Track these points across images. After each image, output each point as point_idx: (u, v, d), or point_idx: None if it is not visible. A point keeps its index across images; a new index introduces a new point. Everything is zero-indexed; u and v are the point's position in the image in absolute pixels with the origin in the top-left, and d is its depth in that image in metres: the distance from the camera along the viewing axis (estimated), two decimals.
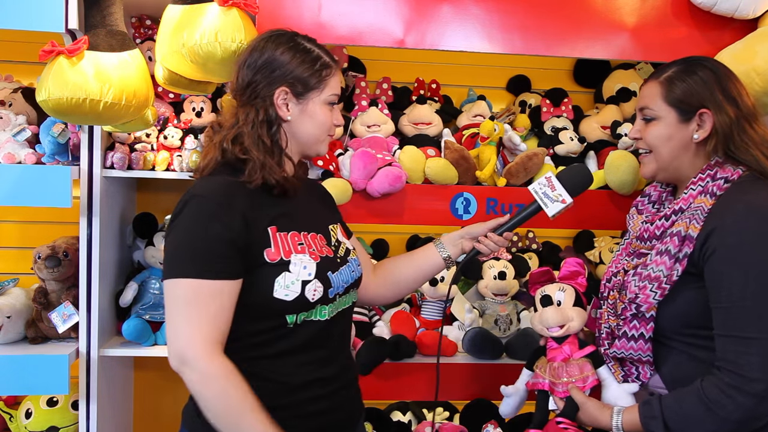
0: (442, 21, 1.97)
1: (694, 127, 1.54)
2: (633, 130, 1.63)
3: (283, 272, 1.37)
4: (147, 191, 2.57)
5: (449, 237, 1.72)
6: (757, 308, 1.36)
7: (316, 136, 1.52)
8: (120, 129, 2.07)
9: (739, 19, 1.98)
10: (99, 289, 2.11)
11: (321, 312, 1.43)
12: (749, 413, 1.36)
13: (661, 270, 1.47)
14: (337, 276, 1.46)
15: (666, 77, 1.56)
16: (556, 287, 1.68)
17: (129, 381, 2.56)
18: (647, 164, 1.61)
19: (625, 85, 2.54)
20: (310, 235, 1.47)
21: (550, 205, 1.60)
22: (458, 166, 2.12)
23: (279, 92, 1.45)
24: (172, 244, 1.36)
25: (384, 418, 2.31)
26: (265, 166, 1.42)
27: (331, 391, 1.47)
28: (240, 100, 1.48)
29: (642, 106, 1.59)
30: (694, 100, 1.53)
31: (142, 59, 1.90)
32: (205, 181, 1.42)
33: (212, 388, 1.30)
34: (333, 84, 1.51)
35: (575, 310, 1.63)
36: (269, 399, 1.38)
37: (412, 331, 2.20)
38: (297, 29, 1.57)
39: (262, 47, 1.47)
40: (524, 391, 1.73)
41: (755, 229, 1.39)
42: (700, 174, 1.52)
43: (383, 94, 2.43)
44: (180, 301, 1.32)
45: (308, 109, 1.48)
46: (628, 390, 1.56)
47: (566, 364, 1.61)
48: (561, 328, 1.62)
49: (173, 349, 1.31)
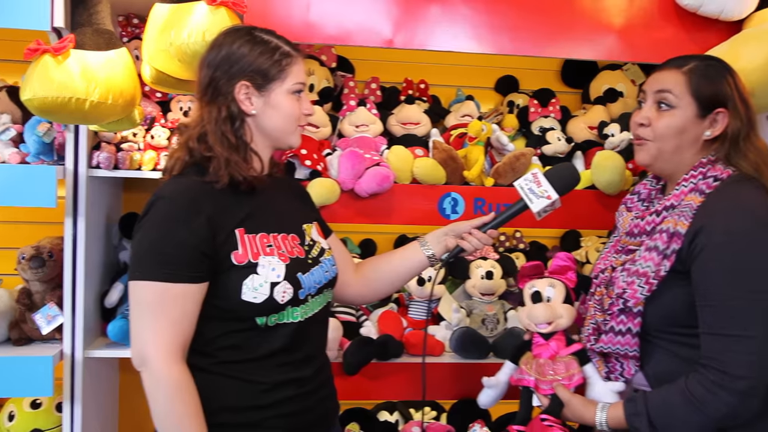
0: (431, 21, 1.97)
1: (707, 125, 1.53)
2: (641, 115, 1.57)
3: (251, 275, 1.37)
4: (134, 191, 2.55)
5: (433, 235, 1.71)
6: (743, 307, 1.38)
7: (283, 127, 1.50)
8: (106, 128, 2.05)
9: (725, 21, 2.00)
10: (84, 290, 2.09)
11: (292, 314, 1.43)
12: (734, 410, 1.37)
13: (649, 266, 1.48)
14: (307, 277, 1.45)
15: (690, 69, 1.53)
16: (547, 282, 1.66)
17: (114, 383, 2.54)
18: (647, 151, 1.57)
19: (612, 85, 2.56)
20: (281, 236, 1.46)
21: (535, 201, 1.58)
22: (446, 166, 2.12)
23: (239, 87, 1.43)
24: (137, 245, 1.37)
25: (371, 418, 2.31)
26: (230, 162, 1.41)
27: (307, 391, 1.47)
28: (203, 100, 1.46)
29: (661, 90, 1.54)
30: (718, 98, 1.52)
31: (129, 58, 1.88)
32: (173, 182, 1.42)
33: (162, 394, 1.32)
34: (295, 72, 1.48)
35: (564, 307, 1.63)
36: (245, 399, 1.39)
37: (399, 331, 2.20)
38: (285, 29, 1.56)
39: (220, 44, 1.46)
40: (505, 383, 1.73)
41: (743, 229, 1.40)
42: (692, 171, 1.52)
43: (372, 94, 2.43)
44: (143, 304, 1.33)
45: (272, 100, 1.46)
46: (613, 389, 1.56)
47: (553, 361, 1.60)
48: (549, 325, 1.61)
49: (135, 349, 1.34)
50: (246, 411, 1.40)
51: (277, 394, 1.42)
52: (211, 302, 1.37)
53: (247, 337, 1.40)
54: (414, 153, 2.16)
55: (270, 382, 1.41)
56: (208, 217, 1.35)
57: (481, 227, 1.65)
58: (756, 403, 1.37)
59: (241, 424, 1.40)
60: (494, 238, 1.68)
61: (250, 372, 1.41)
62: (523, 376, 1.63)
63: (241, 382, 1.40)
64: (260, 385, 1.41)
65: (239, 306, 1.37)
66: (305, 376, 1.47)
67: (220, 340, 1.40)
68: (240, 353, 1.40)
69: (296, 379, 1.45)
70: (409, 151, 2.15)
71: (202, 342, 1.39)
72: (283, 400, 1.43)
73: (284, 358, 1.43)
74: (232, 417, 1.40)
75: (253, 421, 1.40)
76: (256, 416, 1.40)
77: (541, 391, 1.59)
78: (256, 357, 1.41)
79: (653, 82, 1.58)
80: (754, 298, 1.38)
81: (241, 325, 1.39)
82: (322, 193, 1.97)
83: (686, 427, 1.40)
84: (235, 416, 1.40)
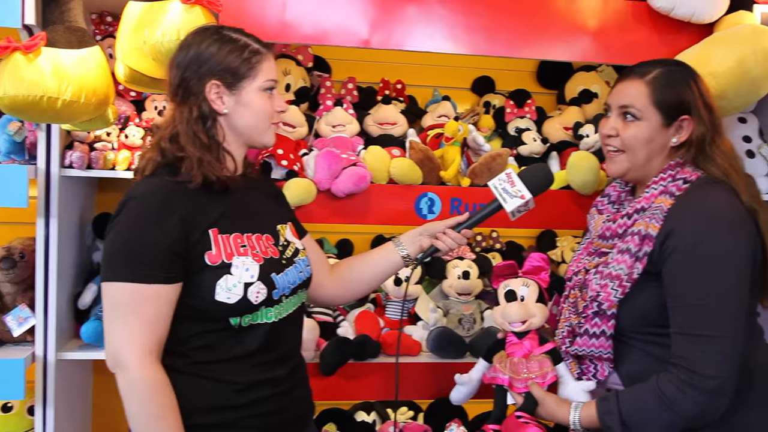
0: (408, 21, 1.97)
1: (672, 132, 1.56)
2: (608, 127, 1.60)
3: (225, 275, 1.37)
4: (108, 191, 2.52)
5: (408, 235, 1.72)
6: (712, 307, 1.40)
7: (256, 125, 1.49)
8: (79, 127, 2.02)
9: (696, 24, 2.04)
10: (57, 291, 2.06)
11: (266, 314, 1.43)
12: (703, 409, 1.40)
13: (622, 268, 1.50)
14: (281, 277, 1.45)
15: (653, 78, 1.55)
16: (521, 282, 1.68)
17: (88, 385, 2.50)
18: (619, 163, 1.60)
19: (587, 86, 2.58)
20: (255, 236, 1.46)
21: (509, 200, 1.59)
22: (423, 167, 2.13)
23: (210, 86, 1.43)
24: (109, 246, 1.36)
25: (348, 419, 2.30)
26: (203, 162, 1.40)
27: (281, 391, 1.47)
28: (175, 101, 1.46)
29: (626, 104, 1.57)
30: (681, 106, 1.54)
31: (102, 56, 1.86)
32: (145, 182, 1.42)
33: (137, 395, 1.31)
34: (266, 69, 1.48)
35: (538, 306, 1.65)
36: (219, 399, 1.39)
37: (376, 331, 2.20)
38: (261, 28, 1.56)
39: (188, 44, 1.46)
40: (477, 381, 1.75)
41: (712, 231, 1.43)
42: (662, 174, 1.55)
43: (348, 94, 2.43)
44: (116, 305, 1.33)
45: (243, 98, 1.46)
46: (584, 388, 1.58)
47: (526, 360, 1.62)
48: (523, 324, 1.63)
49: (109, 350, 1.33)
50: (220, 411, 1.40)
51: (252, 394, 1.42)
52: (184, 302, 1.36)
53: (220, 337, 1.40)
54: (391, 153, 2.17)
55: (244, 383, 1.41)
56: (181, 217, 1.35)
57: (455, 227, 1.66)
58: (725, 402, 1.40)
59: (215, 425, 1.40)
60: (469, 238, 1.69)
61: (224, 372, 1.40)
62: (497, 375, 1.64)
63: (215, 383, 1.40)
64: (234, 386, 1.40)
65: (213, 306, 1.36)
66: (280, 377, 1.47)
67: (194, 341, 1.39)
68: (214, 353, 1.40)
69: (271, 380, 1.45)
70: (385, 151, 2.15)
71: (175, 342, 1.38)
72: (258, 400, 1.42)
73: (258, 358, 1.43)
74: (207, 417, 1.39)
75: (228, 421, 1.40)
76: (231, 416, 1.40)
77: (515, 389, 1.61)
78: (230, 357, 1.40)
79: (617, 96, 1.60)
80: (723, 299, 1.40)
81: (214, 325, 1.39)
82: (299, 193, 1.97)
83: (657, 426, 1.42)
84: (209, 416, 1.39)
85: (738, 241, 1.44)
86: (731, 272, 1.42)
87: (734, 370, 1.40)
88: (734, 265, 1.42)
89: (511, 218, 1.64)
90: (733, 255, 1.42)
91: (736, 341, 1.40)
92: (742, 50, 1.87)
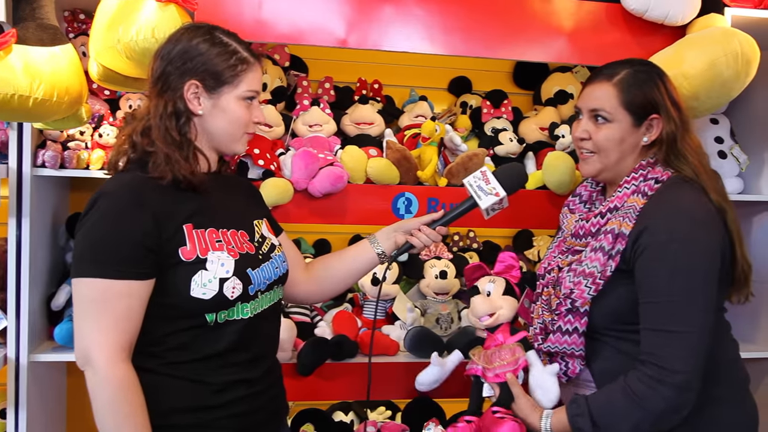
0: (384, 21, 1.98)
1: (643, 131, 1.59)
2: (580, 129, 1.63)
3: (200, 270, 1.35)
4: (81, 191, 2.49)
5: (383, 231, 1.72)
6: (682, 304, 1.43)
7: (229, 132, 1.48)
8: (52, 126, 1.99)
9: (669, 26, 2.06)
10: (29, 293, 2.03)
11: (242, 310, 1.42)
12: (672, 405, 1.42)
13: (596, 266, 1.52)
14: (257, 273, 1.44)
15: (620, 80, 1.58)
16: (487, 279, 1.72)
17: (62, 387, 2.47)
18: (592, 164, 1.62)
19: (562, 87, 2.60)
20: (230, 232, 1.45)
21: (483, 198, 1.60)
22: (400, 166, 2.13)
23: (189, 85, 1.42)
24: (80, 242, 1.34)
25: (326, 419, 2.30)
26: (171, 159, 1.39)
27: (257, 391, 1.46)
28: (153, 91, 1.44)
29: (596, 108, 1.59)
30: (650, 105, 1.57)
31: (75, 54, 1.83)
32: (117, 178, 1.40)
33: (106, 394, 1.29)
34: (250, 80, 1.47)
35: (504, 298, 1.67)
36: (193, 400, 1.38)
37: (354, 331, 2.20)
38: (237, 27, 1.54)
39: (178, 38, 1.44)
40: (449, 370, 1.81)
41: (683, 230, 1.46)
42: (633, 173, 1.58)
43: (325, 94, 2.42)
44: (87, 302, 1.31)
45: (221, 104, 1.44)
46: (549, 371, 1.59)
47: (499, 349, 1.65)
48: (491, 317, 1.65)
49: (78, 348, 1.31)
50: (196, 412, 1.39)
51: (228, 394, 1.41)
52: (158, 300, 1.35)
53: (195, 335, 1.38)
54: (368, 153, 2.17)
55: (220, 383, 1.40)
56: (153, 212, 1.33)
57: (430, 224, 1.67)
58: (692, 398, 1.42)
59: (191, 425, 1.39)
60: (444, 236, 1.70)
61: (199, 372, 1.39)
62: (473, 366, 1.68)
63: (190, 383, 1.39)
64: (210, 386, 1.39)
65: (188, 303, 1.35)
66: (255, 377, 1.46)
67: (168, 340, 1.38)
68: (188, 352, 1.38)
69: (246, 380, 1.44)
70: (362, 151, 2.15)
71: (149, 342, 1.37)
72: (234, 400, 1.42)
73: (233, 357, 1.42)
74: (183, 418, 1.38)
75: (204, 421, 1.39)
76: (207, 417, 1.39)
77: (489, 378, 1.63)
78: (205, 356, 1.39)
79: (587, 99, 1.63)
80: (693, 296, 1.43)
81: (189, 322, 1.37)
82: (276, 193, 1.96)
83: (628, 424, 1.44)
84: (185, 417, 1.38)
85: (708, 239, 1.47)
86: (701, 270, 1.44)
87: (701, 366, 1.43)
88: (704, 262, 1.45)
89: (485, 216, 1.65)
90: (703, 253, 1.45)
91: (704, 337, 1.43)
92: (714, 53, 1.90)
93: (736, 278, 1.56)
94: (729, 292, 1.59)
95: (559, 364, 1.61)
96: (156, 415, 1.34)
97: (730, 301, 1.61)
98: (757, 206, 2.51)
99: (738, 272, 1.55)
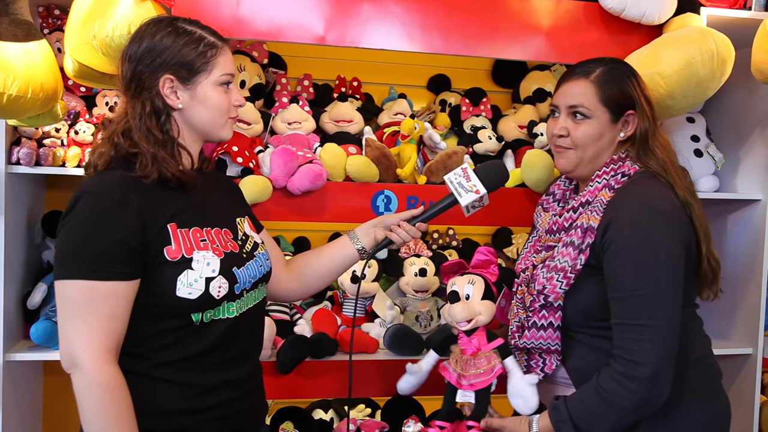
0: (363, 19, 1.97)
1: (620, 127, 1.61)
2: (558, 126, 1.63)
3: (185, 270, 1.34)
4: (57, 189, 2.46)
5: (362, 227, 1.72)
6: (649, 297, 1.44)
7: (212, 120, 1.46)
8: (27, 123, 1.97)
9: (646, 25, 2.09)
10: (4, 291, 2.01)
11: (228, 309, 1.41)
12: (644, 399, 1.43)
13: (567, 261, 1.54)
14: (243, 271, 1.43)
15: (597, 77, 1.60)
16: (466, 280, 1.69)
17: (38, 386, 2.44)
18: (570, 159, 1.63)
19: (540, 86, 2.62)
20: (214, 231, 1.43)
21: (464, 195, 1.60)
22: (379, 164, 2.13)
23: (163, 81, 1.40)
24: (63, 243, 1.31)
25: (306, 417, 2.29)
26: (158, 158, 1.37)
27: (241, 394, 1.45)
28: (127, 95, 1.42)
29: (575, 104, 1.60)
30: (626, 101, 1.60)
31: (49, 50, 1.81)
32: (99, 176, 1.38)
33: (93, 397, 1.27)
34: (222, 63, 1.45)
35: (483, 303, 1.66)
36: (180, 403, 1.37)
37: (333, 328, 2.20)
38: (214, 23, 1.53)
39: (141, 36, 1.42)
40: (426, 372, 1.78)
41: (648, 223, 1.48)
42: (605, 168, 1.60)
43: (304, 91, 2.42)
44: (71, 304, 1.28)
45: (198, 93, 1.43)
46: (529, 381, 1.59)
47: (474, 357, 1.63)
48: (469, 323, 1.64)
49: (64, 351, 1.28)
50: (183, 415, 1.37)
51: (214, 397, 1.40)
52: (143, 301, 1.33)
53: (181, 335, 1.37)
54: (347, 151, 2.16)
55: (206, 385, 1.39)
56: (138, 211, 1.31)
57: (410, 220, 1.66)
58: (664, 391, 1.44)
59: (178, 428, 1.38)
60: (423, 232, 1.70)
61: (185, 374, 1.38)
62: (447, 370, 1.67)
63: (176, 386, 1.37)
64: (196, 388, 1.38)
65: (174, 303, 1.33)
66: (240, 377, 1.45)
67: (154, 341, 1.36)
68: (174, 353, 1.37)
69: (232, 381, 1.43)
70: (342, 148, 2.14)
71: (134, 344, 1.35)
72: (220, 402, 1.41)
73: (219, 356, 1.41)
74: (169, 422, 1.37)
75: (190, 424, 1.38)
76: (193, 420, 1.38)
77: (464, 387, 1.62)
78: (191, 356, 1.38)
79: (564, 96, 1.64)
80: (659, 289, 1.45)
81: (175, 322, 1.36)
82: (254, 190, 1.95)
83: (608, 424, 1.46)
84: (172, 421, 1.37)
85: (672, 233, 1.48)
86: (667, 263, 1.46)
87: (671, 359, 1.44)
88: (669, 255, 1.47)
89: (465, 213, 1.65)
90: (668, 246, 1.47)
91: (673, 330, 1.45)
92: (690, 52, 1.92)
93: (703, 274, 1.58)
94: (699, 289, 1.61)
95: (536, 361, 1.62)
96: (142, 419, 1.33)
97: (701, 298, 1.63)
98: (732, 204, 2.54)
99: (704, 268, 1.57)
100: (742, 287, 2.46)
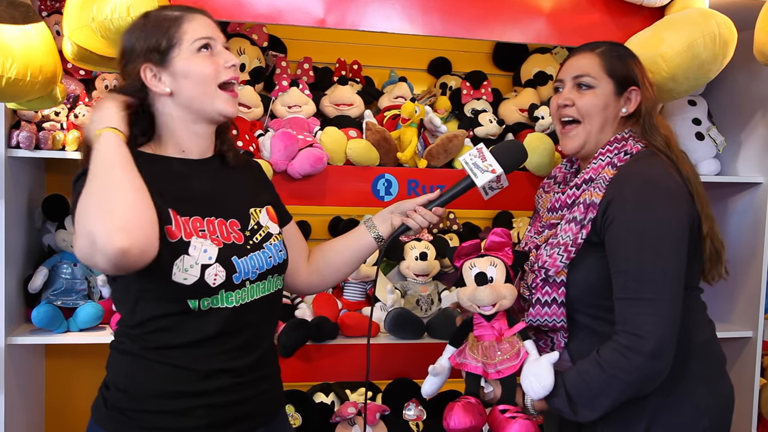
0: (363, 1, 1.96)
1: (622, 102, 1.63)
2: (563, 96, 1.65)
3: (182, 255, 1.33)
4: (57, 172, 2.46)
5: (379, 214, 1.68)
6: (651, 272, 1.45)
7: (201, 91, 1.41)
8: (26, 107, 1.96)
9: (648, 7, 2.07)
10: (5, 275, 2.02)
11: (227, 299, 1.38)
12: (646, 372, 1.43)
13: (569, 236, 1.54)
14: (244, 261, 1.40)
15: (602, 51, 1.64)
16: (487, 262, 1.60)
17: (40, 370, 2.46)
18: (575, 137, 1.64)
19: (542, 69, 2.61)
20: (218, 221, 1.41)
21: (479, 175, 1.56)
22: (379, 148, 2.13)
23: (143, 71, 1.39)
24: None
25: (306, 400, 2.30)
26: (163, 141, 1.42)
27: (244, 382, 1.43)
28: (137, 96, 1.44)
29: (580, 74, 1.63)
30: (630, 76, 1.63)
31: (48, 33, 1.80)
32: None
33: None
34: (191, 30, 1.41)
35: (507, 287, 1.58)
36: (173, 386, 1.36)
37: (334, 312, 2.20)
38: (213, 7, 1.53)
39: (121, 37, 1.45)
40: (449, 369, 1.67)
41: (650, 199, 1.48)
42: (608, 146, 1.60)
43: (304, 75, 2.41)
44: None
45: (177, 69, 1.40)
46: (549, 359, 1.51)
47: (498, 342, 1.57)
48: (493, 307, 1.56)
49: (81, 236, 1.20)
50: (175, 398, 1.37)
51: (210, 383, 1.38)
52: (142, 284, 1.33)
53: (179, 320, 1.36)
54: (347, 134, 2.16)
55: (203, 370, 1.38)
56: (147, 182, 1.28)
57: (426, 205, 1.64)
58: (665, 366, 1.44)
59: (166, 411, 1.37)
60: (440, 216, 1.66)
61: (182, 359, 1.37)
62: (468, 361, 1.59)
63: (172, 368, 1.37)
64: (192, 372, 1.37)
65: (170, 287, 1.32)
66: (241, 366, 1.42)
67: (152, 324, 1.36)
68: (171, 337, 1.36)
69: (231, 369, 1.41)
70: (342, 132, 2.14)
71: (134, 325, 1.36)
72: (216, 389, 1.39)
73: (219, 345, 1.39)
74: (159, 403, 1.36)
75: (180, 409, 1.37)
76: (184, 404, 1.37)
77: (491, 376, 1.55)
78: (188, 342, 1.37)
79: (570, 69, 1.66)
80: (661, 263, 1.45)
81: (173, 307, 1.35)
82: None
83: (606, 398, 1.45)
84: (162, 403, 1.36)
85: (675, 210, 1.48)
86: (669, 239, 1.46)
87: (673, 335, 1.44)
88: (671, 231, 1.47)
89: (484, 196, 1.61)
90: (670, 221, 1.47)
91: (675, 305, 1.45)
92: (692, 34, 1.90)
93: (708, 255, 1.58)
94: (703, 270, 1.61)
95: (544, 341, 1.62)
96: (132, 399, 1.33)
97: (706, 280, 1.63)
98: (733, 187, 2.54)
99: (708, 248, 1.57)
100: (742, 270, 2.47)
